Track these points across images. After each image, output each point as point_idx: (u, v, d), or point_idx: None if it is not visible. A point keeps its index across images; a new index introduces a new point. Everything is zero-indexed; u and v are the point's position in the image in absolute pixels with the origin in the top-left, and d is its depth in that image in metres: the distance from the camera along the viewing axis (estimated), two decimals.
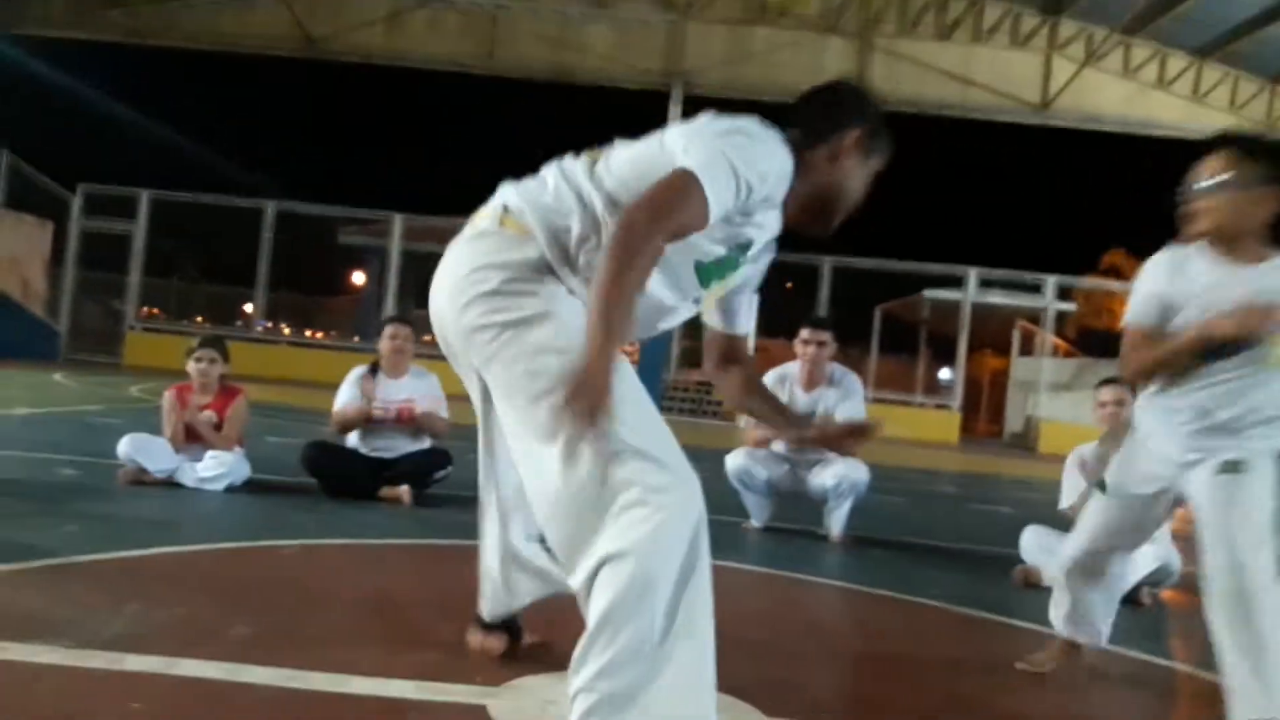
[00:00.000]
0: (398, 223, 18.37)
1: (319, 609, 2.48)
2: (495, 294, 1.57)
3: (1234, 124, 19.03)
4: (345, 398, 4.43)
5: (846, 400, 4.35)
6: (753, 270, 1.84)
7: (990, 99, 19.10)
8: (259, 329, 18.94)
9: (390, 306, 17.96)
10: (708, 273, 1.66)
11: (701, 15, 18.89)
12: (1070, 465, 3.92)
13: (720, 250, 1.64)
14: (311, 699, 1.82)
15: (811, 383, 4.40)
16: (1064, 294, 18.92)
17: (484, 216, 1.70)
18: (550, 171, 1.70)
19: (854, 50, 19.03)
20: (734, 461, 4.36)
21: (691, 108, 18.89)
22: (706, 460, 7.88)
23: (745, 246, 1.67)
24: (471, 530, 2.41)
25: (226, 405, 4.27)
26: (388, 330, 4.53)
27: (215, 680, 1.86)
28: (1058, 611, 2.43)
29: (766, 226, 1.69)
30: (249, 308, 19.29)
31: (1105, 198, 40.51)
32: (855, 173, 1.74)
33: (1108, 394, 3.87)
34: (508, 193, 1.69)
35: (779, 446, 4.40)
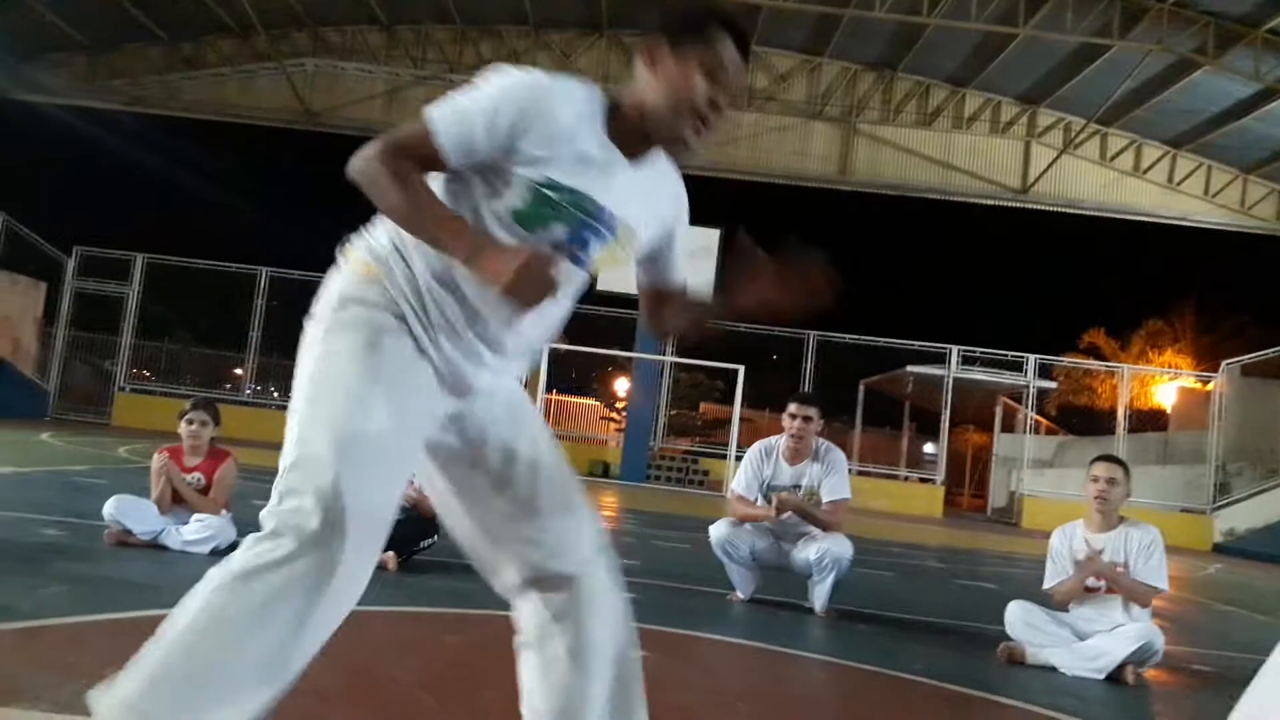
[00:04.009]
0: None
1: (301, 677, 2.47)
2: None
3: (1208, 211, 19.66)
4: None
5: (831, 475, 4.38)
6: (633, 214, 1.68)
7: (971, 183, 19.67)
8: (248, 392, 18.90)
9: None
10: (528, 218, 1.56)
11: None
12: (1054, 545, 3.86)
13: (517, 200, 1.56)
14: None
15: (797, 457, 4.44)
16: (1044, 372, 19.19)
17: None
18: None
19: (838, 135, 19.62)
20: (718, 532, 4.36)
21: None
22: (691, 529, 7.73)
23: (548, 187, 1.56)
24: (456, 597, 2.42)
25: (215, 468, 4.28)
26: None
27: None
28: None
29: (559, 161, 1.56)
30: (239, 371, 19.28)
31: (1084, 278, 41.37)
32: (662, 82, 1.62)
33: (1100, 470, 3.77)
34: None
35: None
